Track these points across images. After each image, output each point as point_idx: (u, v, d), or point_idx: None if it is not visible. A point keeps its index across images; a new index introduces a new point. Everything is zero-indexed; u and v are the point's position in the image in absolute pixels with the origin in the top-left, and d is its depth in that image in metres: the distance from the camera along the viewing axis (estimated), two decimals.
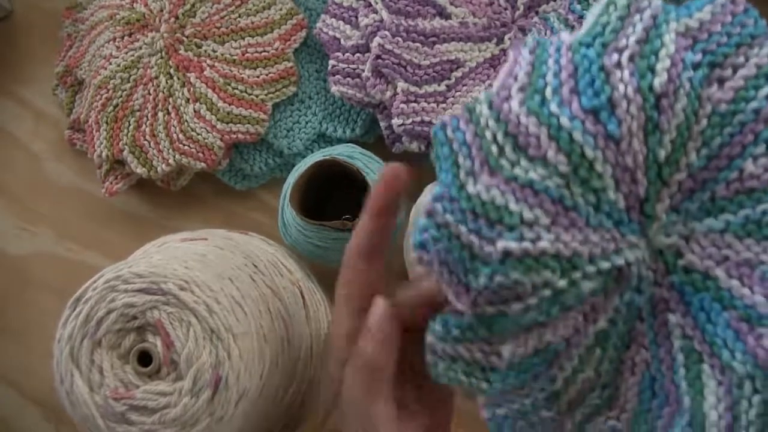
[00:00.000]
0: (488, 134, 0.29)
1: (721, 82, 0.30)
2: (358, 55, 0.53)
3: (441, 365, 0.30)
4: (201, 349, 0.35)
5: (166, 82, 0.54)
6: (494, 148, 0.29)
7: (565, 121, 0.29)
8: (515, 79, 0.30)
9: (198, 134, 0.53)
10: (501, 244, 0.28)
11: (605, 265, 0.29)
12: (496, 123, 0.29)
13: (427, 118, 0.51)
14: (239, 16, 0.55)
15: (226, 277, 0.39)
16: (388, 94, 0.52)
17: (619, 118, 0.29)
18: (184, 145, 0.53)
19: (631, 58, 0.29)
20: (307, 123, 0.55)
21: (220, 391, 0.35)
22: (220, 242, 0.45)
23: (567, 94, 0.29)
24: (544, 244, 0.29)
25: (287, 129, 0.55)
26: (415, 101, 0.51)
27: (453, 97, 0.52)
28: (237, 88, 0.53)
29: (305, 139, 0.55)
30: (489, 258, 0.29)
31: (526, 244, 0.28)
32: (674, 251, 0.31)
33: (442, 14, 0.52)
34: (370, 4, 0.52)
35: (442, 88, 0.52)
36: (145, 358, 0.37)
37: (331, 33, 0.54)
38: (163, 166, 0.53)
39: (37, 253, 0.57)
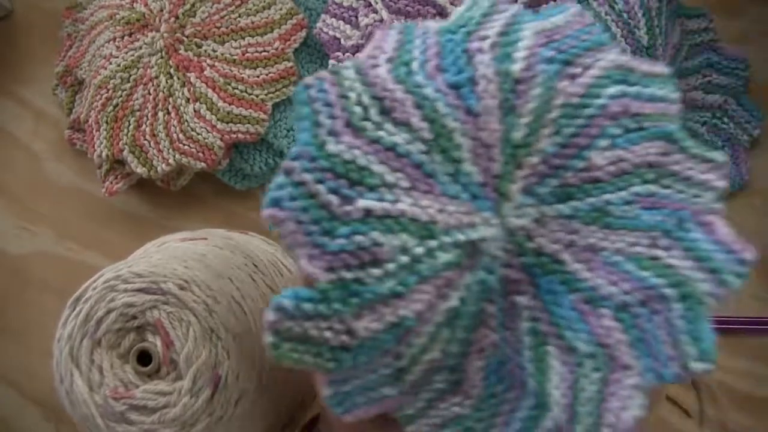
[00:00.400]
0: (353, 95, 0.30)
1: (572, 77, 0.31)
2: (358, 54, 0.53)
3: (285, 346, 0.29)
4: (201, 349, 0.35)
5: (166, 82, 0.54)
6: (358, 109, 0.30)
7: (429, 92, 0.30)
8: (383, 51, 0.31)
9: (198, 134, 0.53)
10: (361, 203, 0.29)
11: (460, 237, 0.30)
12: (362, 85, 0.30)
13: None
14: (239, 16, 0.55)
15: (225, 276, 0.39)
16: None
17: (479, 95, 0.30)
18: (184, 144, 0.53)
19: (492, 46, 0.31)
20: None
21: (219, 390, 0.35)
22: (219, 242, 0.45)
23: (432, 70, 0.30)
24: (403, 206, 0.29)
25: (287, 129, 0.55)
26: None
27: None
28: (237, 88, 0.53)
29: None
30: (348, 217, 0.29)
31: (386, 204, 0.29)
32: (526, 233, 0.31)
33: (442, 14, 0.52)
34: (370, 4, 0.52)
35: None
36: (144, 358, 0.37)
37: (331, 33, 0.54)
38: (163, 165, 0.53)
39: (37, 252, 0.57)
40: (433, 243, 0.30)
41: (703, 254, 0.30)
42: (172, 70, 0.54)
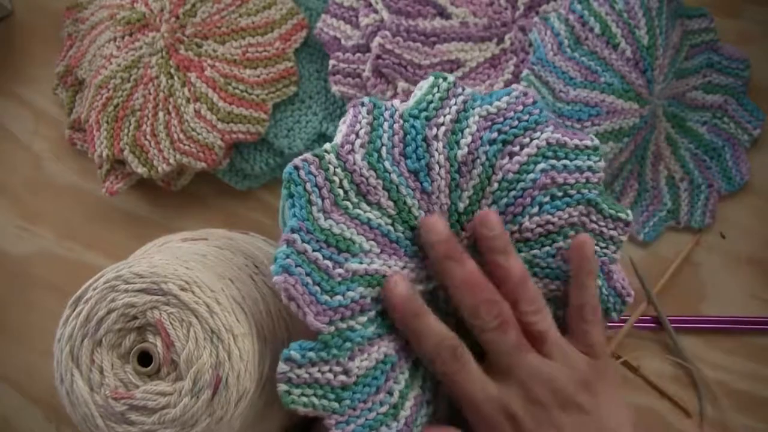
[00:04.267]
0: (336, 180, 0.37)
1: (511, 156, 0.39)
2: (358, 55, 0.53)
3: (296, 392, 0.36)
4: (201, 350, 0.36)
5: (167, 82, 0.54)
6: (341, 192, 0.37)
7: (395, 177, 0.38)
8: (357, 135, 0.38)
9: (198, 134, 0.53)
10: (349, 266, 0.36)
11: (420, 287, 0.39)
12: (343, 172, 0.37)
13: None
14: (240, 16, 0.55)
15: (226, 277, 0.39)
16: (389, 94, 0.52)
17: (432, 178, 0.39)
18: (184, 144, 0.53)
19: (445, 133, 0.39)
20: (307, 123, 0.55)
21: (220, 391, 0.35)
22: (220, 242, 0.45)
23: (397, 156, 0.38)
24: (376, 266, 0.37)
25: (288, 129, 0.55)
26: None
27: None
28: (237, 88, 0.53)
29: (306, 139, 0.55)
30: (342, 277, 0.36)
31: (365, 266, 0.37)
32: None
33: (443, 14, 0.52)
34: (370, 4, 0.52)
35: None
36: (145, 358, 0.37)
37: (331, 33, 0.54)
38: (164, 165, 0.53)
39: (38, 252, 0.57)
40: None
41: (602, 297, 0.41)
42: (172, 70, 0.54)
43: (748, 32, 0.59)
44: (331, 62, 0.53)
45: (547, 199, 0.39)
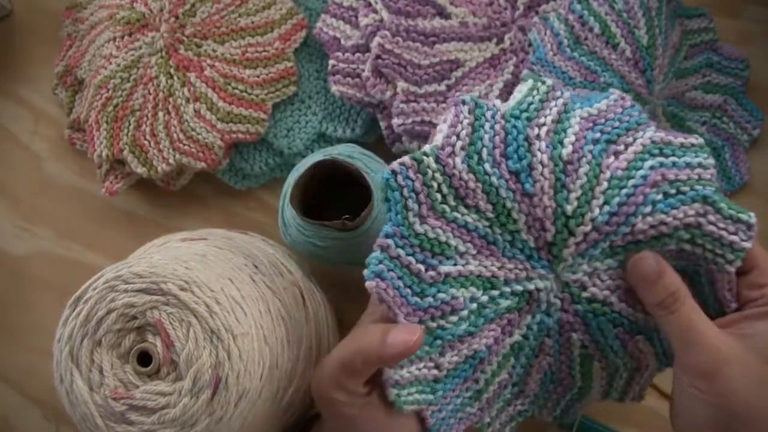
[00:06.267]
0: (435, 184, 0.37)
1: (617, 154, 0.38)
2: (358, 54, 0.53)
3: (404, 393, 0.37)
4: (201, 350, 0.35)
5: (166, 82, 0.54)
6: (439, 196, 0.37)
7: (494, 180, 0.37)
8: (458, 137, 0.37)
9: (198, 134, 0.53)
10: (442, 269, 0.37)
11: (518, 287, 0.39)
12: (442, 176, 0.37)
13: (427, 118, 0.51)
14: (239, 16, 0.55)
15: (226, 277, 0.39)
16: (388, 94, 0.52)
17: (535, 179, 0.37)
18: (184, 144, 0.53)
19: (547, 133, 0.38)
20: (307, 123, 0.55)
21: (219, 391, 0.35)
22: (220, 242, 0.45)
23: (498, 157, 0.37)
24: (471, 267, 0.38)
25: (287, 129, 0.55)
26: (415, 101, 0.51)
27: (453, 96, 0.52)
28: (237, 88, 0.53)
29: (305, 138, 0.55)
30: (432, 280, 0.37)
31: (460, 267, 0.38)
32: (580, 285, 0.39)
33: (442, 14, 0.52)
34: (370, 4, 0.52)
35: (442, 87, 0.52)
36: (144, 358, 0.37)
37: (331, 33, 0.54)
38: (163, 165, 0.53)
39: (37, 253, 0.57)
40: (495, 292, 0.38)
41: (705, 300, 0.39)
42: (172, 70, 0.54)
43: (747, 32, 0.59)
44: (331, 62, 0.53)
45: (660, 196, 0.38)
